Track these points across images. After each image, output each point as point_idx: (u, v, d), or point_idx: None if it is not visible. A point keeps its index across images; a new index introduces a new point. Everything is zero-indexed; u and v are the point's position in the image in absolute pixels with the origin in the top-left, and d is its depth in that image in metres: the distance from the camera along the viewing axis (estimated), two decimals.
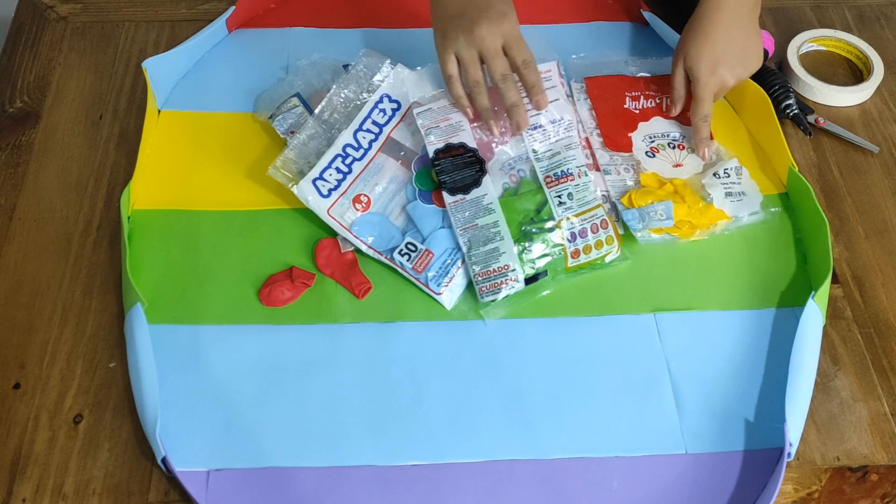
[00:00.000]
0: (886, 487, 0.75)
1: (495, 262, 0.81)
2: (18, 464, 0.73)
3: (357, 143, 0.88)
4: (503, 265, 0.81)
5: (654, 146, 0.92)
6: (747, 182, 0.91)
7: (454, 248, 0.83)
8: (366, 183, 0.87)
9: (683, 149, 0.92)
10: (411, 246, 0.83)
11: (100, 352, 0.79)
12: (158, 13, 1.08)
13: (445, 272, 0.82)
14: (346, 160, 0.87)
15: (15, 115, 0.97)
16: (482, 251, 0.82)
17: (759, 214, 0.89)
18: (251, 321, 0.81)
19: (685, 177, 0.90)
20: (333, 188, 0.86)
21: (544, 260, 0.83)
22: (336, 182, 0.86)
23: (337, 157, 0.87)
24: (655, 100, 0.96)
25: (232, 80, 1.00)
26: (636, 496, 0.72)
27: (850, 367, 0.80)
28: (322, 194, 0.85)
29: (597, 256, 0.84)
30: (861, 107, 1.01)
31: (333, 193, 0.86)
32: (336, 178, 0.86)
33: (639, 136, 0.93)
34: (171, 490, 0.72)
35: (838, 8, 1.11)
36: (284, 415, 0.75)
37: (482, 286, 0.81)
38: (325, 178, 0.86)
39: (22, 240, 0.87)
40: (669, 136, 0.93)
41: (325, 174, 0.86)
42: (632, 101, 0.95)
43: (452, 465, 0.73)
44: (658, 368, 0.79)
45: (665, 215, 0.85)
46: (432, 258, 0.82)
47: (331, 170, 0.86)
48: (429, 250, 0.83)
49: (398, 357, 0.79)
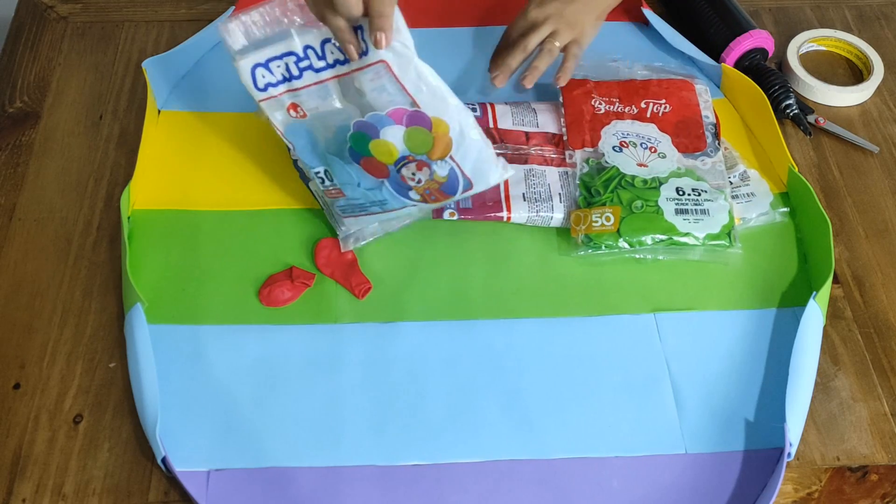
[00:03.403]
0: (886, 487, 0.76)
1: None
2: (18, 464, 0.73)
3: (321, 53, 0.74)
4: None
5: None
6: (756, 183, 0.90)
7: (367, 205, 0.80)
8: (306, 99, 0.76)
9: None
10: (328, 174, 0.80)
11: (100, 352, 0.79)
12: (158, 13, 1.08)
13: (352, 210, 0.80)
14: (301, 63, 0.75)
15: (15, 115, 0.97)
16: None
17: (768, 215, 0.88)
18: (251, 321, 0.81)
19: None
20: (273, 84, 0.76)
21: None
22: (280, 78, 0.75)
23: (292, 54, 0.74)
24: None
25: (232, 80, 0.98)
26: (636, 496, 0.72)
27: (850, 367, 0.80)
28: (257, 86, 0.76)
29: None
30: (861, 107, 1.01)
31: (270, 89, 0.76)
32: (281, 74, 0.75)
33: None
34: (171, 490, 0.72)
35: (838, 8, 1.11)
36: (284, 415, 0.75)
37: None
38: (269, 69, 0.75)
39: (22, 240, 0.87)
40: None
41: (271, 64, 0.75)
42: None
43: (452, 465, 0.73)
44: (658, 368, 0.79)
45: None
46: (342, 197, 0.80)
47: (279, 62, 0.75)
48: (340, 190, 0.80)
49: (398, 357, 0.79)
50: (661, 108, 0.94)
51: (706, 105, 0.95)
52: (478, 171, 0.77)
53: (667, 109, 0.94)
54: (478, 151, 0.76)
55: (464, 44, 1.05)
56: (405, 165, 0.77)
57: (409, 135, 0.75)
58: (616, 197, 0.86)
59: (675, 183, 0.87)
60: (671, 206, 0.85)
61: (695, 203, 0.86)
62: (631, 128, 0.92)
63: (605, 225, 0.85)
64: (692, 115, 0.94)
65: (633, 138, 0.91)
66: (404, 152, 0.76)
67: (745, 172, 0.91)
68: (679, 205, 0.86)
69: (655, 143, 0.91)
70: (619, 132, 0.92)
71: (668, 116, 0.93)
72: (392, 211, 0.79)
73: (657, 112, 0.94)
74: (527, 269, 0.85)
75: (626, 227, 0.84)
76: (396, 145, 0.75)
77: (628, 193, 0.86)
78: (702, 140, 0.92)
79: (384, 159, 0.76)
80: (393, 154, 0.76)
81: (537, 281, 0.84)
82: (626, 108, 0.94)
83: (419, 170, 0.76)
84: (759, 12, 1.10)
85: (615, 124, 0.92)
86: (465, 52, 1.04)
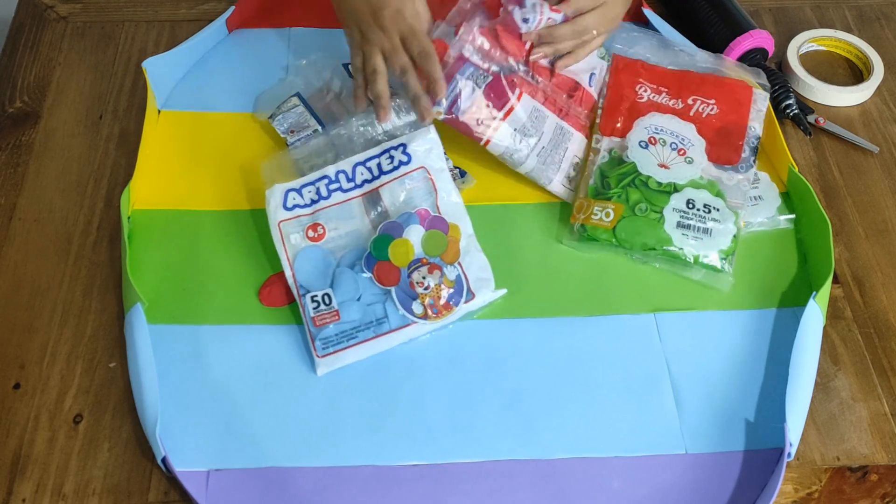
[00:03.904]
0: (886, 487, 0.75)
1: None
2: (18, 464, 0.73)
3: (351, 175, 0.84)
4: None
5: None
6: (766, 186, 0.90)
7: (361, 327, 0.79)
8: (329, 218, 0.83)
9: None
10: (327, 298, 0.80)
11: (100, 352, 0.79)
12: (158, 13, 1.08)
13: (337, 343, 0.78)
14: (331, 185, 0.84)
15: (15, 115, 0.97)
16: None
17: (773, 221, 0.88)
18: (251, 321, 0.81)
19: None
20: (301, 206, 0.83)
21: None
22: (308, 202, 0.83)
23: (324, 178, 0.84)
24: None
25: (232, 80, 1.00)
26: (636, 496, 0.72)
27: (850, 367, 0.80)
28: (286, 206, 0.83)
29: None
30: (861, 107, 1.01)
31: (297, 210, 0.83)
32: (310, 198, 0.84)
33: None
34: (171, 490, 0.72)
35: (838, 8, 1.11)
36: (284, 415, 0.75)
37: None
38: (300, 193, 0.84)
39: (22, 240, 0.87)
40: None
41: (303, 189, 0.84)
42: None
43: (452, 465, 0.73)
44: (658, 368, 0.79)
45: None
46: (335, 322, 0.79)
47: (311, 188, 0.84)
48: (338, 312, 0.79)
49: (398, 357, 0.79)
50: (707, 109, 0.91)
51: (757, 115, 0.92)
52: (478, 281, 0.81)
53: (713, 111, 0.91)
54: (479, 264, 0.82)
55: None
56: (417, 269, 0.80)
57: (428, 237, 0.82)
58: (625, 194, 0.86)
59: (689, 193, 0.85)
60: (675, 217, 0.84)
61: (700, 220, 0.84)
62: (668, 123, 0.89)
63: (603, 220, 0.84)
64: (738, 121, 0.90)
65: (665, 135, 0.88)
66: (419, 254, 0.81)
67: (755, 175, 0.91)
68: (683, 218, 0.84)
69: (687, 146, 0.88)
70: (652, 126, 0.89)
71: (711, 119, 0.90)
72: (381, 336, 0.79)
73: (702, 112, 0.91)
74: (527, 268, 0.85)
75: (623, 227, 0.84)
76: (414, 246, 0.81)
77: (637, 193, 0.85)
78: (737, 153, 0.89)
79: (399, 262, 0.81)
80: (409, 255, 0.81)
81: (537, 281, 0.84)
82: (672, 100, 0.91)
83: (430, 273, 0.80)
84: (759, 12, 1.10)
85: (652, 116, 0.90)
86: None
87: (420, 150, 0.85)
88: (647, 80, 0.93)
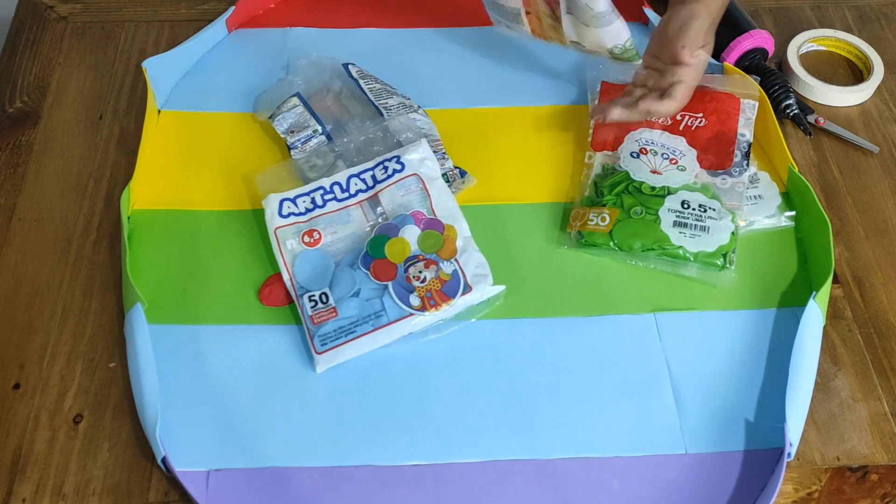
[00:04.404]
0: (886, 487, 0.75)
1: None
2: (18, 464, 0.73)
3: (345, 187, 0.86)
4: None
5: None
6: (766, 185, 0.90)
7: (359, 322, 0.79)
8: (326, 224, 0.85)
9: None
10: (324, 297, 0.80)
11: (100, 352, 0.79)
12: (158, 13, 1.08)
13: (335, 338, 0.78)
14: (326, 196, 0.86)
15: (15, 115, 0.97)
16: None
17: (774, 219, 0.88)
18: (251, 321, 0.81)
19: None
20: (296, 214, 0.85)
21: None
22: (303, 210, 0.85)
23: (319, 189, 0.86)
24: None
25: (232, 80, 1.00)
26: (636, 496, 0.72)
27: (850, 367, 0.80)
28: (281, 213, 0.85)
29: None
30: (861, 107, 1.01)
31: (293, 217, 0.85)
32: (305, 207, 0.85)
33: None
34: (171, 490, 0.72)
35: (838, 8, 1.11)
36: (284, 415, 0.75)
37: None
38: (295, 203, 0.85)
39: (22, 240, 0.87)
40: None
41: (298, 199, 0.85)
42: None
43: (453, 465, 0.73)
44: (658, 368, 0.79)
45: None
46: (333, 318, 0.79)
47: (306, 197, 0.86)
48: (335, 309, 0.80)
49: (398, 357, 0.79)
50: (695, 122, 0.92)
51: (747, 123, 0.92)
52: (476, 276, 0.82)
53: (701, 124, 0.92)
54: (476, 262, 0.83)
55: (464, 44, 1.05)
56: (413, 264, 0.81)
57: (424, 236, 0.83)
58: (619, 201, 0.86)
59: (683, 195, 0.86)
60: (671, 217, 0.85)
61: (696, 218, 0.85)
62: (658, 138, 0.91)
63: (599, 225, 0.85)
64: (727, 131, 0.91)
65: (655, 147, 0.90)
66: (416, 252, 0.82)
67: (755, 174, 0.91)
68: (679, 217, 0.85)
69: (678, 156, 0.89)
70: (642, 139, 0.91)
71: (700, 131, 0.91)
72: (380, 329, 0.78)
73: (691, 125, 0.92)
74: (527, 268, 0.85)
75: (619, 230, 0.84)
76: (411, 244, 0.82)
77: (632, 199, 0.86)
78: (729, 158, 0.89)
79: (396, 259, 0.82)
80: (405, 252, 0.82)
81: (537, 281, 0.84)
82: (660, 119, 0.92)
83: (426, 267, 0.81)
84: (759, 12, 1.10)
85: (642, 132, 0.91)
86: (463, 52, 1.04)
87: (414, 159, 0.87)
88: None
